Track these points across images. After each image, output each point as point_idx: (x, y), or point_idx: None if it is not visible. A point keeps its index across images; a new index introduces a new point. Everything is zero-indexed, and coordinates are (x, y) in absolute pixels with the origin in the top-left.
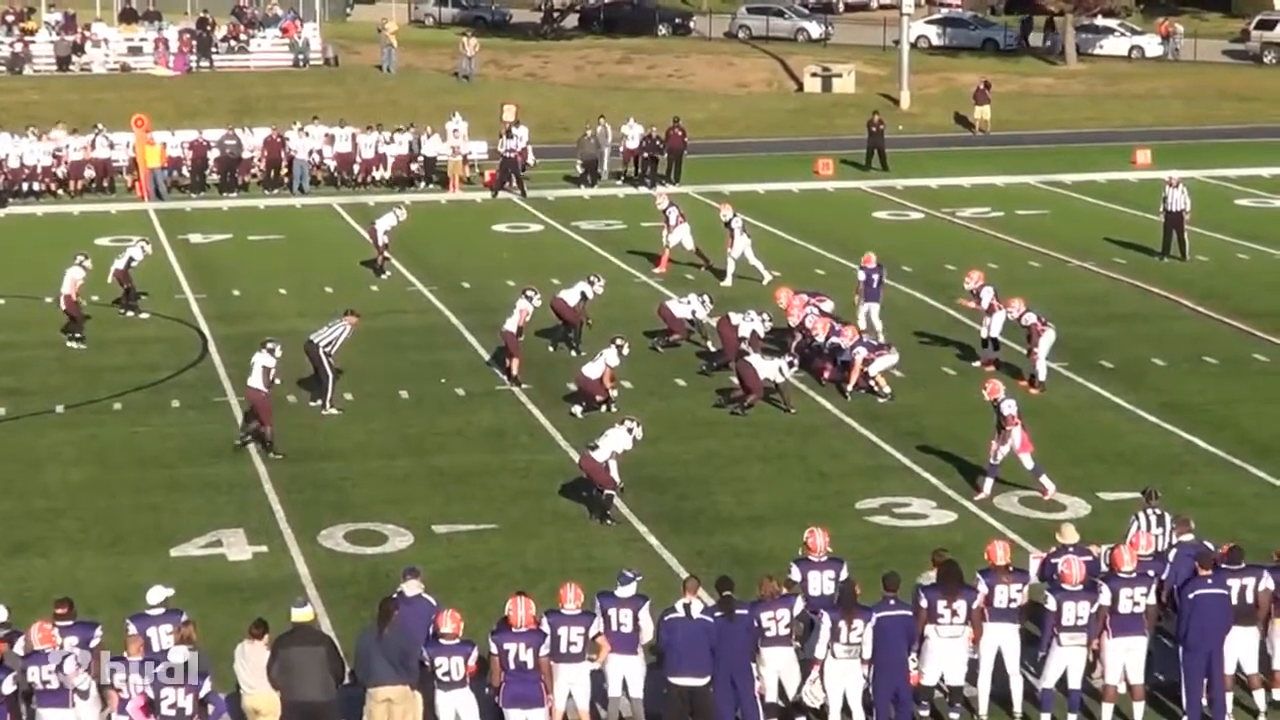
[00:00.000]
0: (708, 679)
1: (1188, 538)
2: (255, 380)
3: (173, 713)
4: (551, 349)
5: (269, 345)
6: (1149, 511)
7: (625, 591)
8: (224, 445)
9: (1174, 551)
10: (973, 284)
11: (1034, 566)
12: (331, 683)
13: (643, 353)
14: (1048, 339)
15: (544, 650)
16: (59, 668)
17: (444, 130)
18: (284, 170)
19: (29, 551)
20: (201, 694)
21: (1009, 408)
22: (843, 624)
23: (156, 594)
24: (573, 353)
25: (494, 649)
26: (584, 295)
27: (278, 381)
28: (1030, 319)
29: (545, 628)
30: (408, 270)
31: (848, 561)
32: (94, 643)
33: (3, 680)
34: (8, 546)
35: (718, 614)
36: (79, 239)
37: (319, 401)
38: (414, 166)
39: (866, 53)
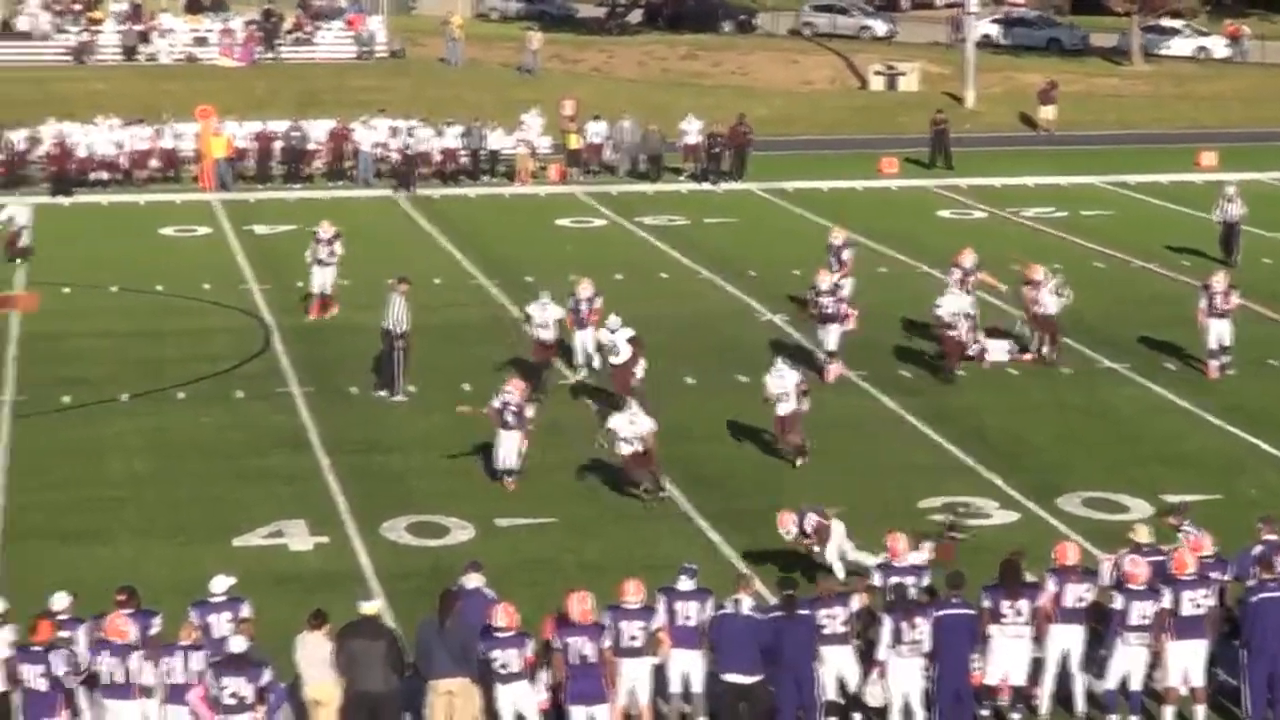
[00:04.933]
0: (758, 677)
1: (1272, 537)
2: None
3: (233, 701)
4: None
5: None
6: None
7: (687, 585)
8: (286, 436)
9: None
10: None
11: (1105, 568)
12: (393, 675)
13: (703, 351)
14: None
15: (605, 643)
16: (125, 661)
17: (512, 124)
18: (348, 162)
19: (93, 540)
20: (261, 683)
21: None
22: (904, 624)
23: (220, 583)
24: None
25: (556, 645)
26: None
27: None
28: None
29: (606, 622)
30: (470, 264)
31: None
32: (152, 631)
33: (56, 665)
34: (72, 535)
35: (777, 613)
36: (144, 228)
37: (383, 392)
38: (464, 159)
39: (931, 51)
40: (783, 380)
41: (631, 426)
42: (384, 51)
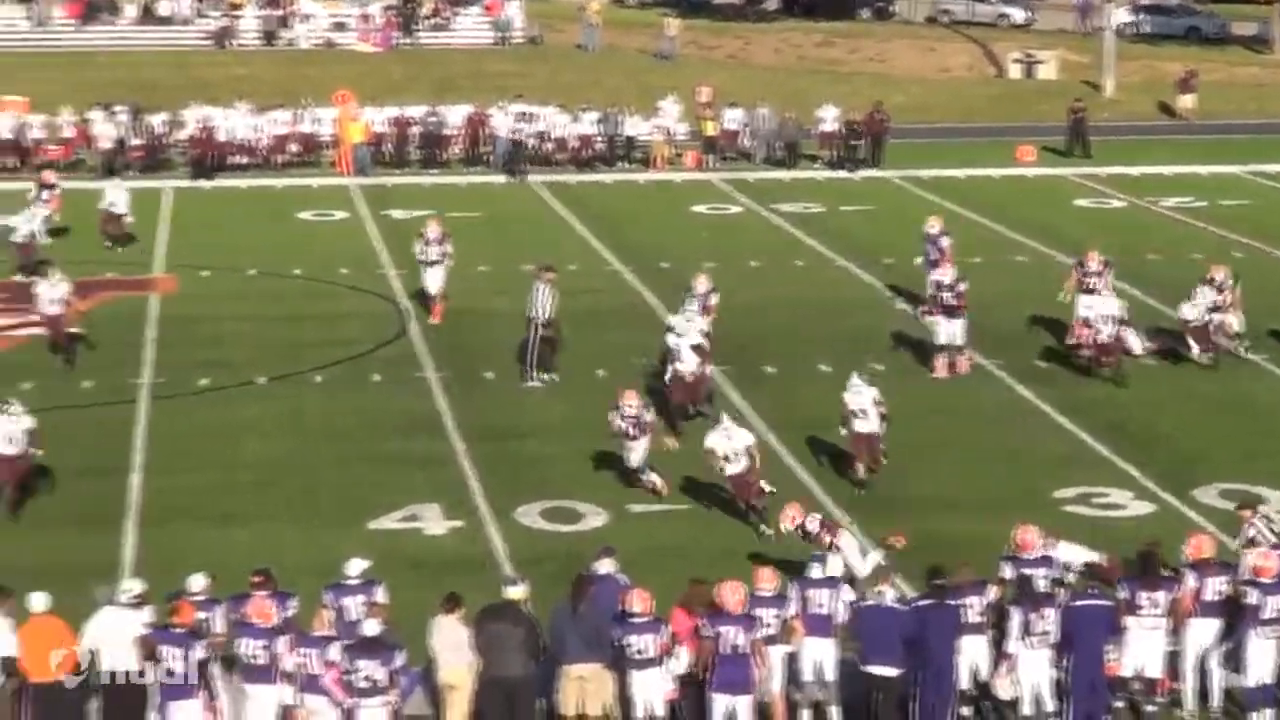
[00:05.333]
0: (900, 670)
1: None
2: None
3: (366, 684)
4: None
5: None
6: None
7: (819, 573)
8: (422, 420)
9: None
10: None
11: (1246, 561)
12: (530, 660)
13: (837, 338)
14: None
15: (757, 634)
16: (269, 644)
17: (648, 110)
18: (485, 148)
19: (229, 523)
20: (394, 666)
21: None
22: (1032, 615)
23: (356, 566)
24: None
25: (707, 633)
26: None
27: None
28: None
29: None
30: (606, 249)
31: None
32: (288, 613)
33: (194, 647)
34: (209, 517)
35: (923, 602)
36: (281, 212)
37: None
38: (600, 145)
39: (1069, 39)
40: (730, 441)
41: (729, 442)
42: (521, 37)
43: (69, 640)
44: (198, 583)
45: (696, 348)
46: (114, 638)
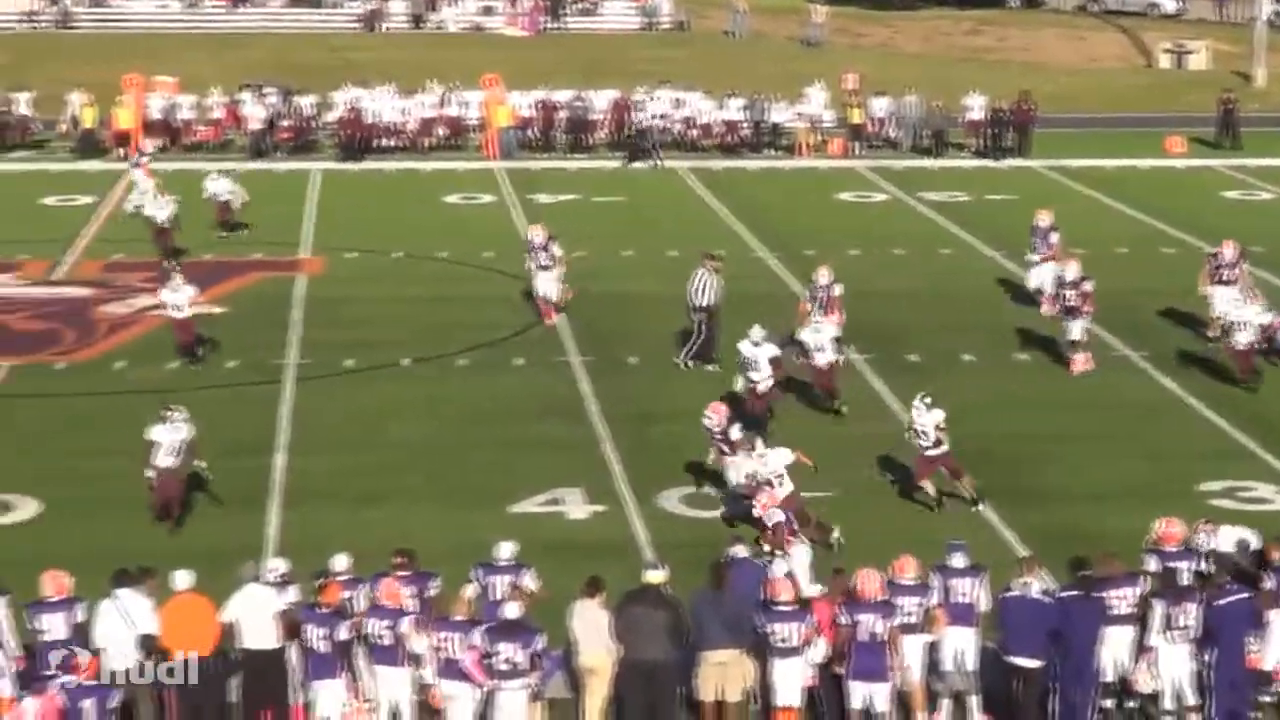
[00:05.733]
0: (1042, 661)
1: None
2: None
3: (506, 667)
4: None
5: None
6: None
7: (960, 561)
8: (565, 404)
9: None
10: None
11: None
12: (673, 645)
13: (982, 328)
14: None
15: (895, 621)
16: (395, 625)
17: (794, 97)
18: (631, 133)
19: (372, 504)
20: (534, 649)
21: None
22: (1174, 609)
23: (506, 548)
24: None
25: (844, 620)
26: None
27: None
28: None
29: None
30: (751, 236)
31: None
32: (431, 593)
33: (339, 627)
34: (352, 498)
35: (1068, 593)
36: (427, 195)
37: (709, 365)
38: (746, 131)
39: (1220, 29)
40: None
41: (765, 467)
42: (668, 23)
43: (212, 618)
44: (341, 563)
45: (773, 359)
46: (257, 616)
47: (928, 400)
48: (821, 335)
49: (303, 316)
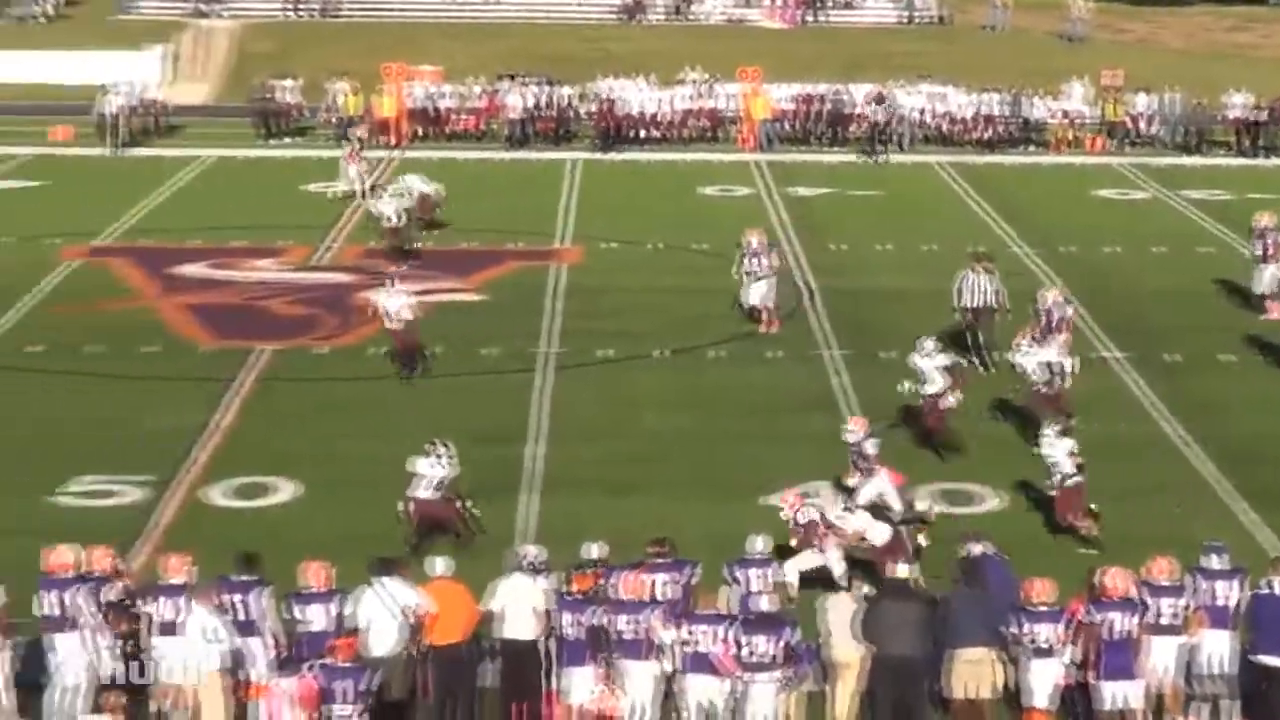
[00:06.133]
0: None
1: None
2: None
3: (758, 660)
4: None
5: None
6: None
7: (1218, 563)
8: (819, 397)
9: None
10: None
11: None
12: (926, 641)
13: (1245, 327)
14: None
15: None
16: (636, 617)
17: (1054, 92)
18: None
19: (625, 492)
20: (789, 641)
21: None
22: None
23: (759, 542)
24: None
25: (1094, 619)
26: None
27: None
28: None
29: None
30: (1007, 231)
31: None
32: (687, 581)
33: (591, 614)
34: (609, 487)
35: None
36: (685, 187)
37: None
38: (1005, 126)
39: None
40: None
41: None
42: (928, 17)
43: (470, 604)
44: (596, 551)
45: (948, 369)
46: (517, 603)
47: (1057, 428)
48: (1028, 359)
49: (560, 306)
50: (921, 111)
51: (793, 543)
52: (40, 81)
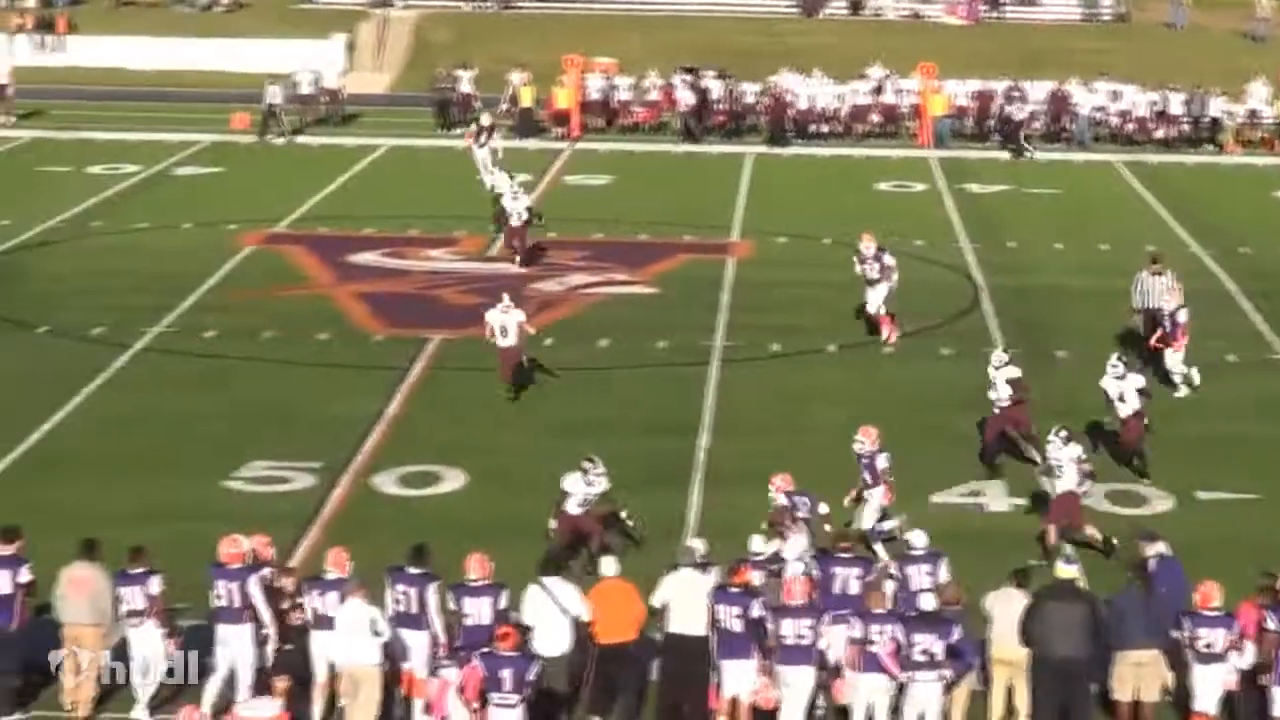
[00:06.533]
0: None
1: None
2: None
3: (923, 658)
4: None
5: None
6: None
7: None
8: (984, 396)
9: None
10: None
11: None
12: (1090, 642)
13: None
14: None
15: None
16: (808, 623)
17: (1235, 92)
18: (1067, 124)
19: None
20: (951, 640)
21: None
22: None
23: (919, 537)
24: None
25: (1271, 627)
26: None
27: None
28: None
29: None
30: (1184, 232)
31: None
32: (869, 578)
33: (751, 607)
34: (751, 479)
35: None
36: (859, 182)
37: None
38: (1185, 126)
39: None
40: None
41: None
42: (1109, 14)
43: (637, 603)
44: (759, 544)
45: (1013, 381)
46: (684, 598)
47: (1064, 434)
48: (1125, 383)
49: (731, 300)
50: (1100, 110)
51: (763, 526)
52: (221, 69)
